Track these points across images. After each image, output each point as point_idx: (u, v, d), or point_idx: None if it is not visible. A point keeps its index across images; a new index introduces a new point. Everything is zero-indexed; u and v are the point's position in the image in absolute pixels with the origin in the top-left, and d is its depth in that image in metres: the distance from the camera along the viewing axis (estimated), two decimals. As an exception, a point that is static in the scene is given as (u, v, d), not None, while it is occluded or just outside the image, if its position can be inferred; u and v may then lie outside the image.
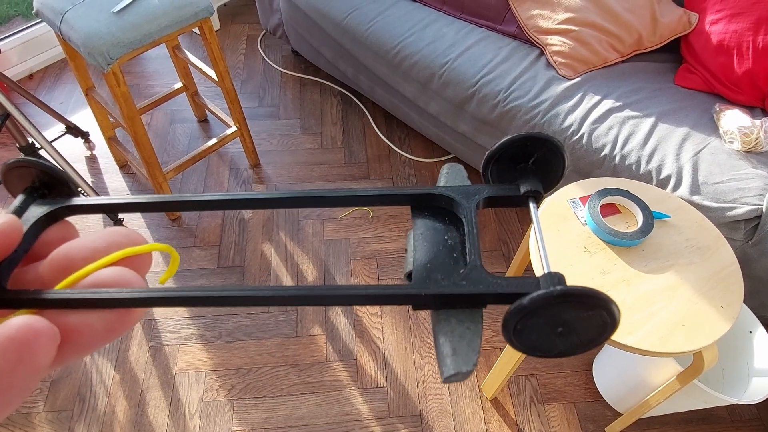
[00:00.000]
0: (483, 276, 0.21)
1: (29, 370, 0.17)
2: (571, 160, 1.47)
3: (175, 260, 0.24)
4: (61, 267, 0.21)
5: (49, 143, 1.51)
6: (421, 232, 0.25)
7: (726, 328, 0.97)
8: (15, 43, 2.19)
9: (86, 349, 0.20)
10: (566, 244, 1.09)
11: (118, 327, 0.20)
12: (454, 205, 0.25)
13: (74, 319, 0.20)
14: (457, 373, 0.20)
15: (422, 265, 0.23)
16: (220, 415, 1.39)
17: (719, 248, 1.09)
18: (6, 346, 0.17)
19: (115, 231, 0.22)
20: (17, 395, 0.18)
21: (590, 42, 1.52)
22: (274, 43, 2.48)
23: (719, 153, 1.33)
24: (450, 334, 0.20)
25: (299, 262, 1.70)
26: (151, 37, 1.35)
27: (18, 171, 0.25)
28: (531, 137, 0.25)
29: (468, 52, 1.62)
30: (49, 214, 0.24)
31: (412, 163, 2.00)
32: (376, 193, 0.26)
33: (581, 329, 0.20)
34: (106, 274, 0.21)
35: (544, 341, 0.21)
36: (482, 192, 0.25)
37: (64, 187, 0.26)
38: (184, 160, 1.72)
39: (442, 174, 0.28)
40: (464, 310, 0.21)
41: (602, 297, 0.19)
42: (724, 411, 1.44)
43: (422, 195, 0.26)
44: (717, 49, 1.46)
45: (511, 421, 1.41)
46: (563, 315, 0.20)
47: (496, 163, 0.27)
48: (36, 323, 0.18)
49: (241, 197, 0.25)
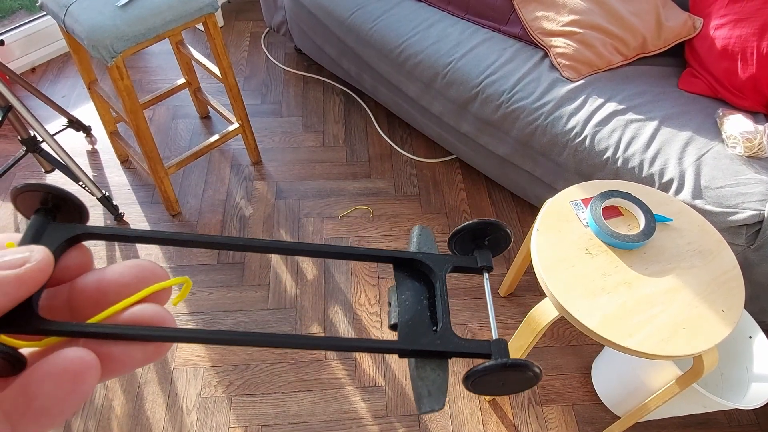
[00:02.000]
0: (452, 338, 0.28)
1: (78, 397, 0.20)
2: (573, 162, 1.47)
3: (187, 287, 0.27)
4: (92, 299, 0.23)
5: (51, 136, 1.51)
6: (403, 291, 0.30)
7: (726, 332, 0.97)
8: (18, 36, 2.18)
9: (122, 373, 0.23)
10: (568, 245, 1.09)
11: (154, 357, 0.23)
12: (429, 270, 0.31)
13: (117, 349, 0.22)
14: (432, 410, 0.26)
15: (405, 321, 0.29)
16: (218, 411, 1.39)
17: (721, 252, 1.09)
18: (62, 377, 0.19)
19: (141, 266, 0.24)
20: (63, 419, 0.20)
21: (594, 44, 1.52)
22: (277, 40, 2.48)
23: (722, 158, 1.33)
24: (426, 379, 0.27)
25: (299, 260, 1.70)
26: (155, 31, 1.35)
27: (28, 194, 0.26)
28: (489, 223, 0.32)
29: (472, 53, 1.62)
30: (69, 239, 0.26)
31: (414, 162, 2.00)
32: (363, 252, 0.31)
33: (516, 382, 0.28)
34: (145, 311, 0.23)
35: (491, 388, 0.29)
36: (450, 261, 0.31)
37: (73, 208, 0.27)
38: (185, 155, 1.72)
39: (414, 235, 0.34)
40: (436, 360, 0.28)
41: (530, 365, 0.26)
42: (723, 416, 1.44)
43: (404, 259, 0.31)
44: (721, 54, 1.46)
45: (508, 423, 1.41)
46: (506, 375, 0.27)
47: (459, 239, 0.33)
48: (86, 356, 0.20)
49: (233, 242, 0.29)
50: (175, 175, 1.90)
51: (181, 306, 1.58)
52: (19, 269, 0.21)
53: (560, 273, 1.04)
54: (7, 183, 1.86)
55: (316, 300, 1.61)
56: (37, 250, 0.22)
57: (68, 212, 0.27)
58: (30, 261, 0.21)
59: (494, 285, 1.67)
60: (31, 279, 0.21)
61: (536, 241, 1.09)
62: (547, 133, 1.48)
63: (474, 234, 0.33)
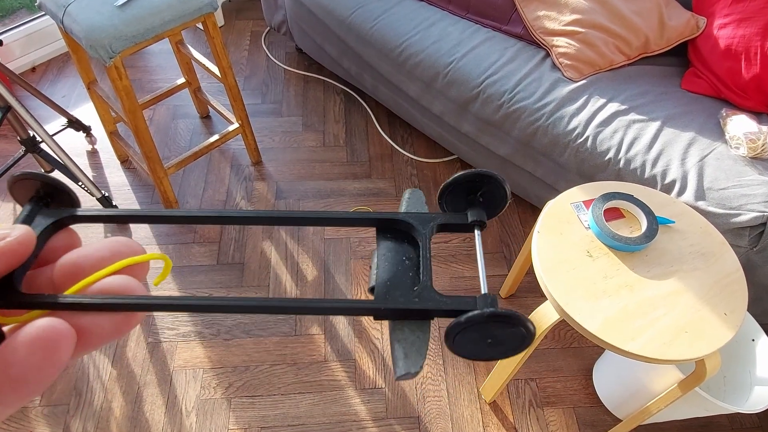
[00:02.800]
0: (432, 295, 0.26)
1: (53, 365, 0.20)
2: (575, 163, 1.46)
3: (168, 266, 0.27)
4: (70, 273, 0.24)
5: (50, 136, 1.50)
6: (383, 252, 0.29)
7: (729, 335, 0.96)
8: (19, 35, 2.18)
9: (94, 346, 0.23)
10: (569, 247, 1.08)
11: (124, 327, 0.23)
12: (412, 229, 0.29)
13: (87, 320, 0.22)
14: (407, 374, 0.24)
15: (383, 282, 0.27)
16: (217, 413, 1.38)
17: (724, 255, 1.07)
18: (35, 344, 0.20)
19: (118, 241, 0.25)
20: (41, 387, 0.20)
21: (597, 44, 1.50)
22: (277, 39, 2.47)
23: (725, 158, 1.32)
24: (403, 341, 0.25)
25: (299, 261, 1.69)
26: (154, 31, 1.34)
27: (23, 183, 0.28)
28: (480, 173, 0.30)
29: (473, 52, 1.61)
30: (55, 223, 0.27)
31: (415, 162, 1.99)
32: (343, 216, 0.29)
33: (506, 340, 0.25)
34: (113, 281, 0.23)
35: (477, 349, 0.26)
36: (436, 219, 0.29)
37: (65, 195, 0.28)
38: (185, 156, 1.71)
39: (404, 198, 0.32)
40: (416, 321, 0.25)
41: (521, 317, 0.24)
42: (725, 419, 1.43)
43: (385, 219, 0.30)
44: (724, 54, 1.45)
45: (509, 425, 1.40)
46: (492, 330, 0.24)
47: (450, 194, 0.31)
48: (59, 324, 0.20)
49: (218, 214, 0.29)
50: (174, 175, 1.89)
51: (180, 307, 1.57)
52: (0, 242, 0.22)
53: (561, 275, 1.03)
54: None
55: (316, 301, 1.60)
56: (18, 227, 0.23)
57: (61, 200, 0.29)
58: (10, 236, 0.22)
59: (494, 287, 1.66)
60: (11, 252, 0.22)
61: (537, 243, 1.08)
62: (549, 133, 1.47)
63: (465, 188, 0.30)
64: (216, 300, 0.25)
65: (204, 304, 0.25)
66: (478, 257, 0.30)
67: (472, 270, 1.70)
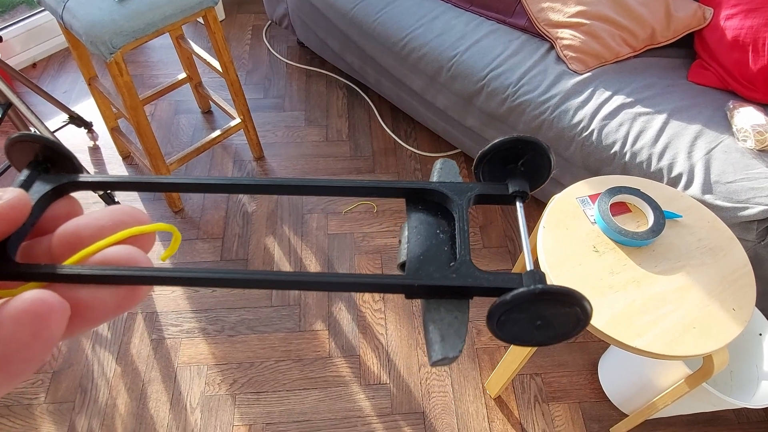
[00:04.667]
0: (471, 270, 0.23)
1: (43, 342, 0.18)
2: (581, 157, 1.45)
3: (177, 239, 0.25)
4: (69, 243, 0.22)
5: (51, 133, 1.49)
6: (414, 225, 0.26)
7: (738, 331, 0.95)
8: (18, 31, 2.17)
9: (95, 323, 0.21)
10: (575, 243, 1.07)
11: (126, 302, 0.21)
12: (447, 200, 0.26)
13: (86, 293, 0.21)
14: (444, 358, 0.22)
15: (415, 257, 0.24)
16: (222, 410, 1.38)
17: (732, 249, 1.06)
18: (21, 318, 0.18)
19: (121, 210, 0.23)
20: (31, 366, 0.19)
21: (602, 36, 1.48)
22: (279, 33, 2.46)
23: (732, 151, 1.31)
24: (439, 322, 0.22)
25: (303, 257, 1.69)
26: (154, 26, 1.33)
27: (22, 145, 0.26)
28: (521, 140, 0.27)
29: (477, 45, 1.59)
30: (55, 189, 0.25)
31: (418, 157, 1.98)
32: (372, 185, 0.27)
33: (557, 323, 0.22)
34: (115, 252, 0.21)
35: (524, 332, 0.23)
36: (474, 189, 0.27)
37: (67, 161, 0.26)
38: (187, 151, 1.70)
39: (435, 169, 0.29)
40: (453, 300, 0.23)
41: (577, 295, 0.21)
42: (731, 413, 1.42)
43: (416, 189, 0.27)
44: (732, 45, 1.43)
45: (514, 420, 1.39)
46: (542, 310, 0.22)
47: (487, 163, 0.28)
48: (48, 297, 0.18)
49: (242, 182, 0.27)
50: (177, 171, 1.88)
51: (183, 303, 1.57)
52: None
53: (567, 271, 1.02)
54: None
55: (320, 297, 1.60)
56: (9, 191, 0.21)
57: (62, 166, 0.26)
58: (1, 199, 0.21)
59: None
60: (3, 216, 0.21)
61: (542, 239, 1.07)
62: (554, 127, 1.46)
63: (504, 157, 0.28)
64: (228, 273, 0.22)
65: (215, 278, 0.22)
66: (522, 231, 0.27)
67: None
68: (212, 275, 0.22)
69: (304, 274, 0.23)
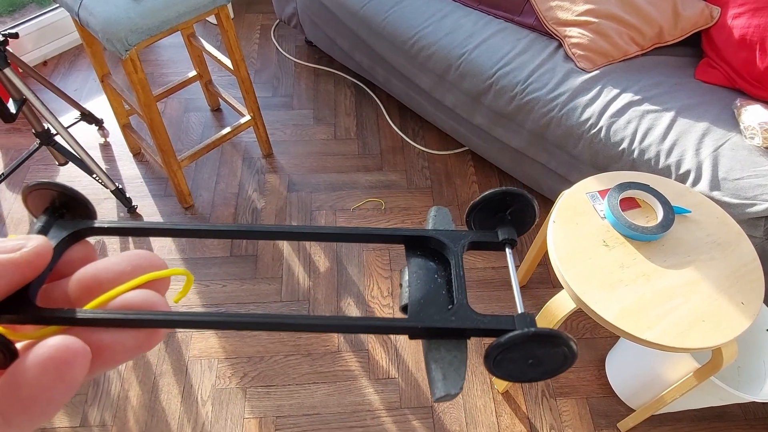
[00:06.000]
0: (469, 313, 0.25)
1: (66, 385, 0.19)
2: (589, 154, 1.46)
3: (189, 282, 0.26)
4: (87, 287, 0.23)
5: (65, 129, 1.51)
6: (414, 270, 0.28)
7: (746, 324, 0.96)
8: (30, 29, 2.19)
9: (115, 364, 0.22)
10: (585, 237, 1.08)
11: (146, 344, 0.22)
12: (443, 247, 0.29)
13: (107, 337, 0.21)
14: (447, 395, 0.23)
15: (416, 300, 0.26)
16: (233, 403, 1.40)
17: (740, 244, 1.08)
18: (46, 364, 0.19)
19: (139, 255, 0.24)
20: (54, 408, 0.19)
21: (610, 34, 1.50)
22: (287, 32, 2.47)
23: (740, 149, 1.32)
24: (440, 361, 0.24)
25: (311, 253, 1.70)
26: (169, 23, 1.35)
27: (39, 192, 0.26)
28: (509, 192, 0.29)
29: (485, 44, 1.61)
30: (71, 234, 0.26)
31: (426, 155, 1.99)
32: (374, 232, 0.29)
33: (547, 361, 0.25)
34: (134, 296, 0.22)
35: (518, 370, 0.25)
36: (467, 237, 0.29)
37: (82, 207, 0.27)
38: (197, 148, 1.72)
39: (430, 216, 0.32)
40: (452, 341, 0.25)
41: (564, 336, 0.23)
42: (738, 409, 1.43)
43: (415, 237, 0.29)
44: (739, 44, 1.44)
45: (522, 415, 1.40)
46: (534, 350, 0.24)
47: (478, 212, 0.31)
48: (72, 343, 0.19)
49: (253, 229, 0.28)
50: (187, 168, 1.90)
51: (194, 298, 1.59)
52: (15, 254, 0.21)
53: (577, 265, 1.04)
54: (21, 176, 1.87)
55: (329, 292, 1.62)
56: (34, 238, 0.22)
57: (76, 211, 0.27)
58: (26, 247, 0.21)
59: (506, 278, 1.66)
60: (27, 263, 0.21)
61: (553, 233, 1.09)
62: (562, 124, 1.47)
63: (494, 207, 0.30)
64: (242, 317, 0.24)
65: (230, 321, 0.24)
66: (512, 276, 0.30)
67: (478, 298, 1.70)
68: (229, 319, 0.24)
69: (316, 318, 0.25)
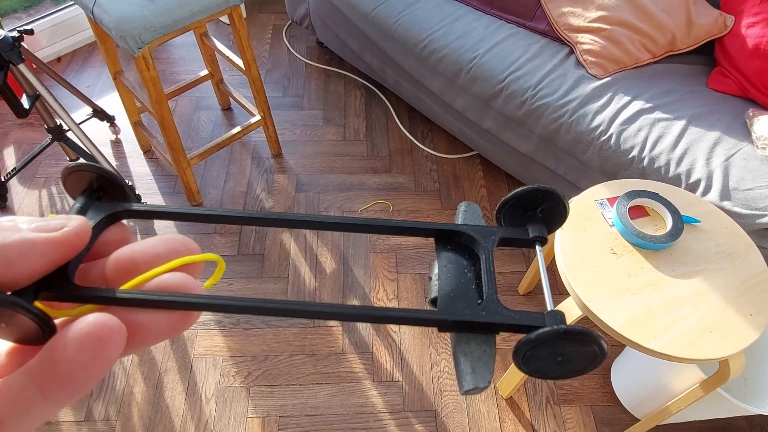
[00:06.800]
0: (499, 308, 0.25)
1: (103, 362, 0.19)
2: (598, 161, 1.45)
3: (221, 268, 0.26)
4: (124, 268, 0.23)
5: (77, 125, 1.52)
6: (444, 263, 0.28)
7: (755, 336, 0.95)
8: (45, 25, 2.21)
9: (148, 344, 0.22)
10: (593, 244, 1.08)
11: (180, 326, 0.23)
12: (473, 242, 0.29)
13: (142, 317, 0.22)
14: (476, 388, 0.24)
15: (446, 294, 0.26)
16: (236, 401, 1.40)
17: (750, 255, 1.07)
18: (84, 340, 0.19)
19: (175, 239, 0.24)
20: (89, 385, 0.19)
21: (622, 41, 1.49)
22: (299, 33, 2.48)
23: (751, 159, 1.31)
24: (470, 354, 0.24)
25: (318, 253, 1.70)
26: (182, 22, 1.36)
27: (78, 174, 0.27)
28: (541, 189, 0.29)
29: (497, 48, 1.60)
30: (109, 216, 0.26)
31: (434, 158, 1.99)
32: (405, 225, 0.29)
33: (576, 359, 0.25)
34: (171, 279, 0.23)
35: (546, 367, 0.25)
36: (498, 233, 0.29)
37: (119, 189, 0.28)
38: (207, 147, 1.73)
39: (460, 211, 0.32)
40: (481, 335, 0.25)
41: (595, 335, 0.23)
42: (744, 421, 1.42)
43: (446, 231, 0.29)
44: (753, 53, 1.43)
45: (526, 422, 1.40)
46: (564, 348, 0.24)
47: (509, 209, 0.31)
48: (109, 321, 0.19)
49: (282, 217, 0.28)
50: (196, 167, 1.91)
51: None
52: (56, 232, 0.22)
53: (584, 272, 1.03)
54: (33, 171, 1.89)
55: (335, 294, 1.62)
56: (74, 218, 0.23)
57: (113, 193, 0.28)
58: (67, 227, 0.22)
59: (513, 283, 1.66)
60: (67, 242, 0.22)
61: (560, 240, 1.08)
62: (572, 130, 1.46)
63: (525, 204, 0.30)
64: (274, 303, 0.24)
65: (264, 307, 0.24)
66: (542, 273, 0.30)
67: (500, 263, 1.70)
68: (260, 304, 0.24)
69: (344, 306, 0.25)
